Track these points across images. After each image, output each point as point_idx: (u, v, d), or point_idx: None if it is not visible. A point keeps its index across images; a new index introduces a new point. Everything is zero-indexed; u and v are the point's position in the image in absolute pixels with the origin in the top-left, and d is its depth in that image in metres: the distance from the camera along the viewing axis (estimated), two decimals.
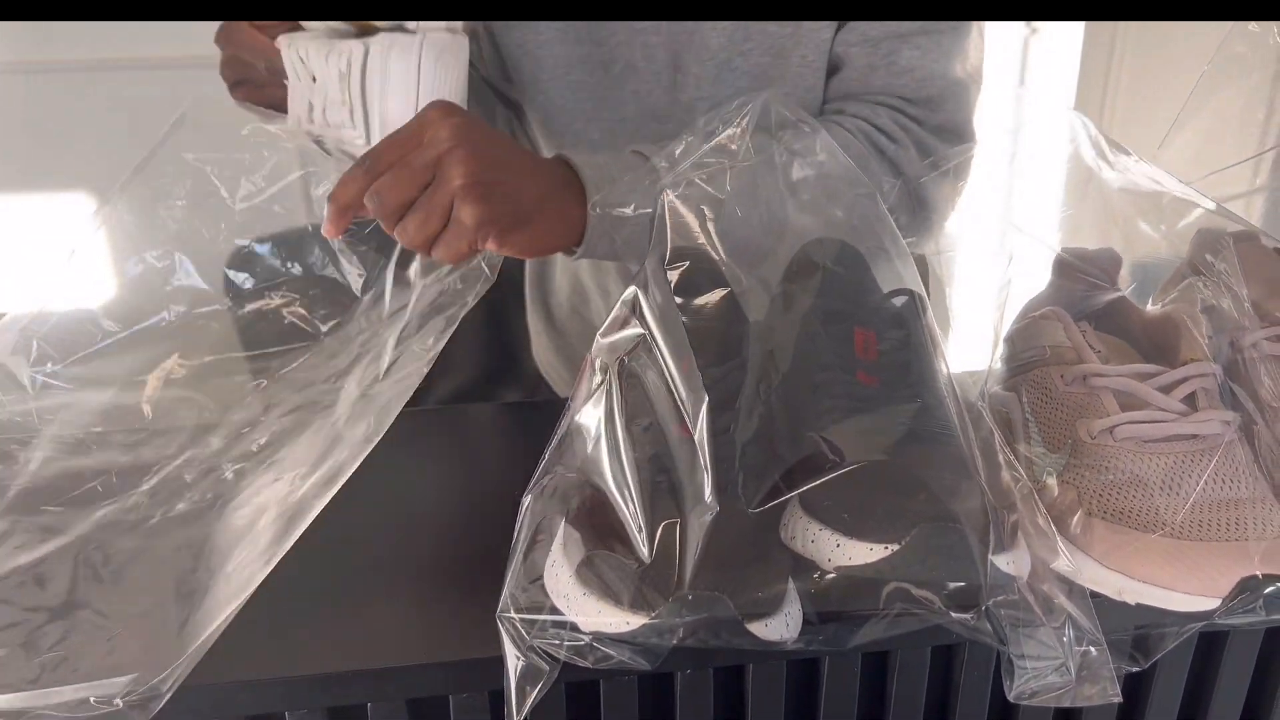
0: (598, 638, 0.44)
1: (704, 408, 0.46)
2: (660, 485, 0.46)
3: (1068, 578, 0.47)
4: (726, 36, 0.74)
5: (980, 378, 0.60)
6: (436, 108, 0.57)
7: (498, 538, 0.48)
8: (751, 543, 0.45)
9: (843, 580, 0.44)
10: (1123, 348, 0.59)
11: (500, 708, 0.45)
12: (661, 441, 0.47)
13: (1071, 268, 0.63)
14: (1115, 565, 0.47)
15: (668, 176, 0.55)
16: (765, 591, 0.43)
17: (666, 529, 0.44)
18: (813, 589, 0.44)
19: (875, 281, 0.57)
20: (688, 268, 0.54)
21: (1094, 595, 0.47)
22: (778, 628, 0.43)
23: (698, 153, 0.56)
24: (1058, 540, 0.47)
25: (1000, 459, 0.50)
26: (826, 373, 0.52)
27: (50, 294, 0.66)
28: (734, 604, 0.42)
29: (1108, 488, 0.49)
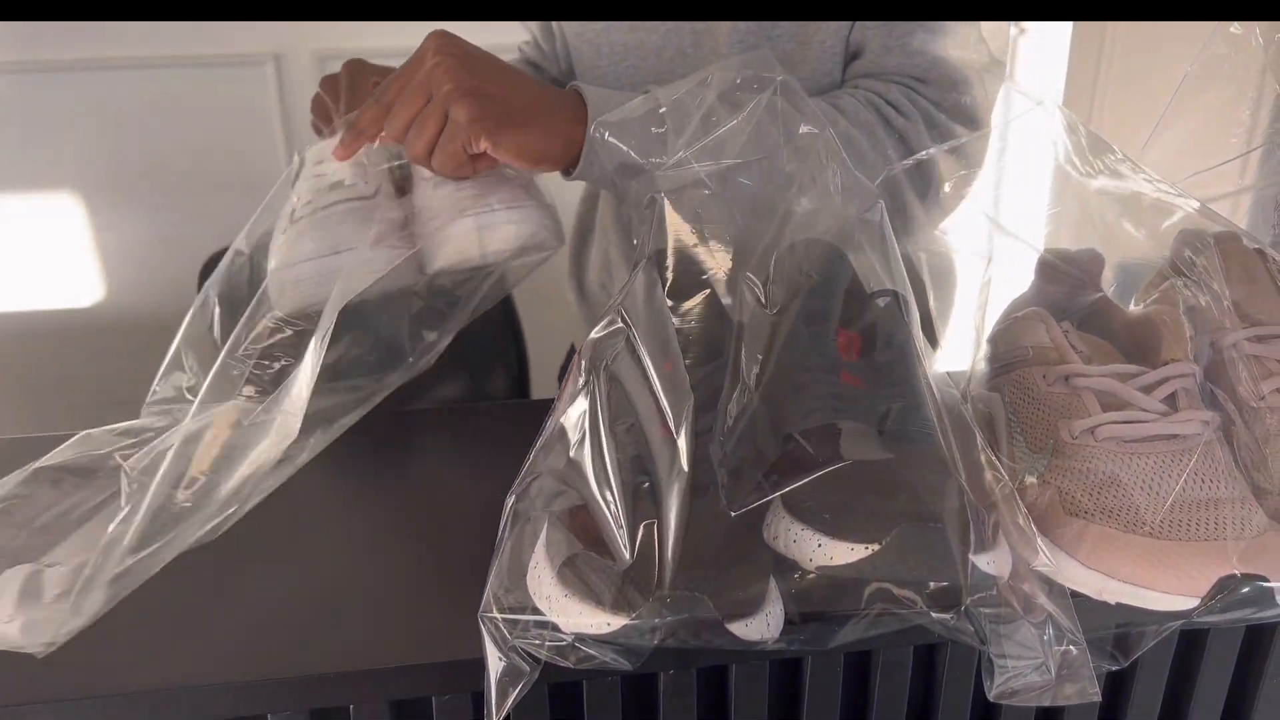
0: (579, 638, 0.44)
1: (688, 408, 0.46)
2: (642, 486, 0.46)
3: (1048, 577, 0.47)
4: (756, 23, 0.77)
5: (963, 378, 0.60)
6: (434, 36, 0.63)
7: (482, 539, 0.48)
8: (733, 543, 0.45)
9: (824, 580, 0.44)
10: (1105, 348, 0.59)
11: (483, 709, 0.45)
12: (644, 442, 0.47)
13: (1054, 268, 0.63)
14: (1095, 565, 0.48)
15: (665, 172, 0.56)
16: (746, 592, 0.43)
17: (647, 530, 0.44)
18: (794, 589, 0.44)
19: (860, 282, 0.57)
20: (677, 269, 0.54)
21: (1074, 595, 0.47)
22: (758, 628, 0.43)
23: (699, 144, 0.56)
24: (1038, 540, 0.47)
25: (981, 459, 0.50)
26: (809, 373, 0.52)
27: None
28: (714, 604, 0.42)
29: (1089, 487, 0.50)
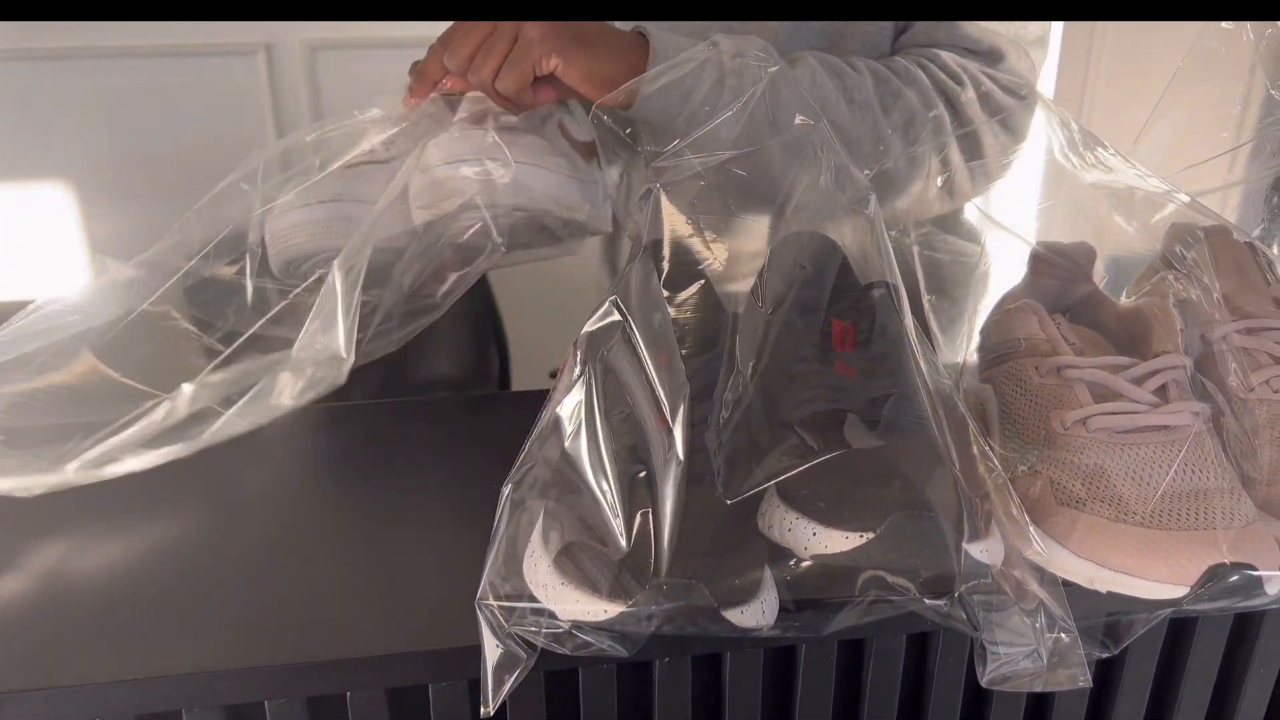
0: (576, 625, 0.44)
1: (684, 398, 0.46)
2: (638, 475, 0.46)
3: (1040, 566, 0.47)
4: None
5: (956, 370, 0.61)
6: None
7: (479, 527, 0.48)
8: (728, 532, 0.46)
9: (819, 568, 0.45)
10: (1097, 340, 0.60)
11: (480, 697, 0.46)
12: (639, 432, 0.48)
13: (1046, 261, 0.63)
14: (1087, 554, 0.48)
15: (661, 163, 0.56)
16: (741, 579, 0.44)
17: (643, 518, 0.44)
18: (789, 577, 0.45)
19: (853, 273, 0.57)
20: (673, 260, 0.55)
21: (1065, 583, 0.47)
22: (753, 615, 0.43)
23: (695, 135, 0.57)
24: (1030, 529, 0.48)
25: (974, 450, 0.51)
26: (804, 364, 0.52)
27: None
28: (710, 592, 0.42)
29: (1080, 478, 0.50)
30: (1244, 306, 0.57)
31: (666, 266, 0.54)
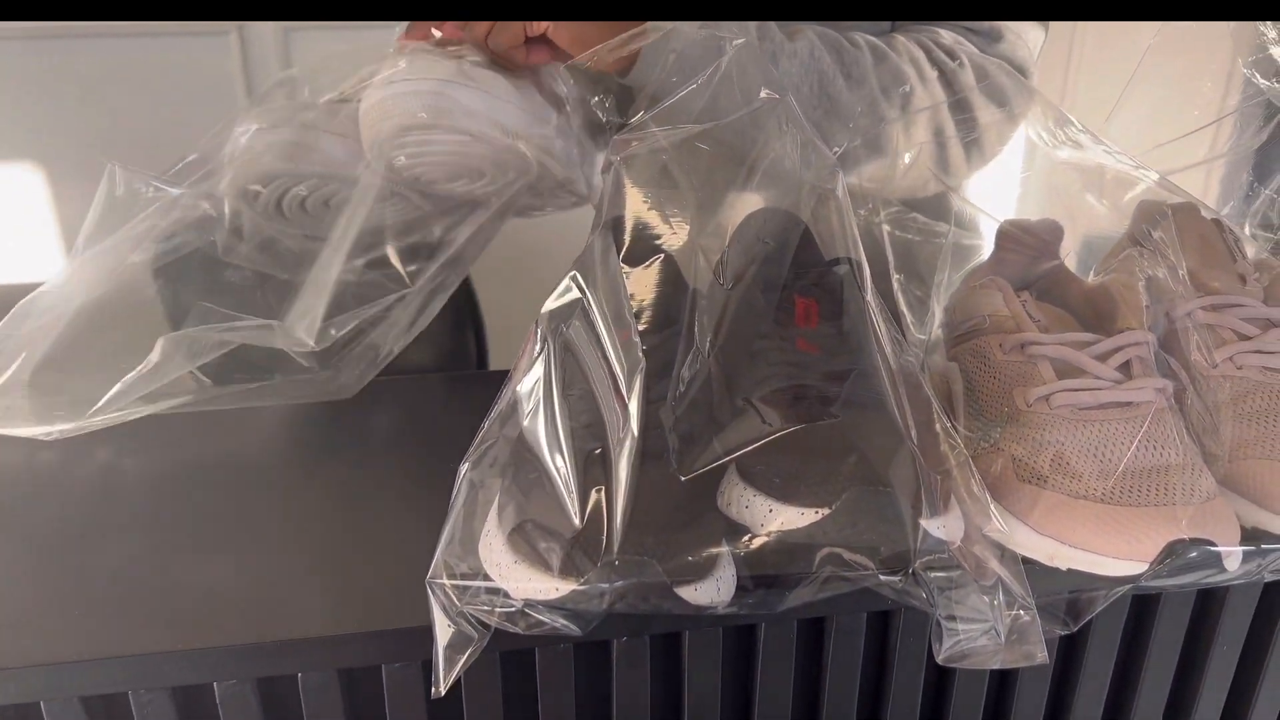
0: (529, 604, 0.43)
1: (640, 374, 0.46)
2: (594, 453, 0.45)
3: (1000, 544, 0.47)
4: None
5: (921, 347, 0.60)
6: None
7: (439, 507, 0.47)
8: (684, 509, 0.45)
9: (776, 545, 0.44)
10: (1063, 317, 0.59)
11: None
12: (596, 409, 0.47)
13: (1013, 238, 0.63)
14: (1047, 531, 0.48)
15: (623, 136, 0.55)
16: (695, 556, 0.43)
17: (598, 495, 0.43)
18: (745, 554, 0.44)
19: (818, 250, 0.56)
20: (634, 235, 0.54)
21: (1026, 561, 0.47)
22: (708, 592, 0.43)
23: (658, 108, 0.56)
24: (990, 506, 0.47)
25: (937, 427, 0.50)
26: (765, 340, 0.52)
27: None
28: (664, 569, 0.42)
29: (1042, 454, 0.50)
30: (1209, 283, 0.57)
31: (627, 241, 0.53)
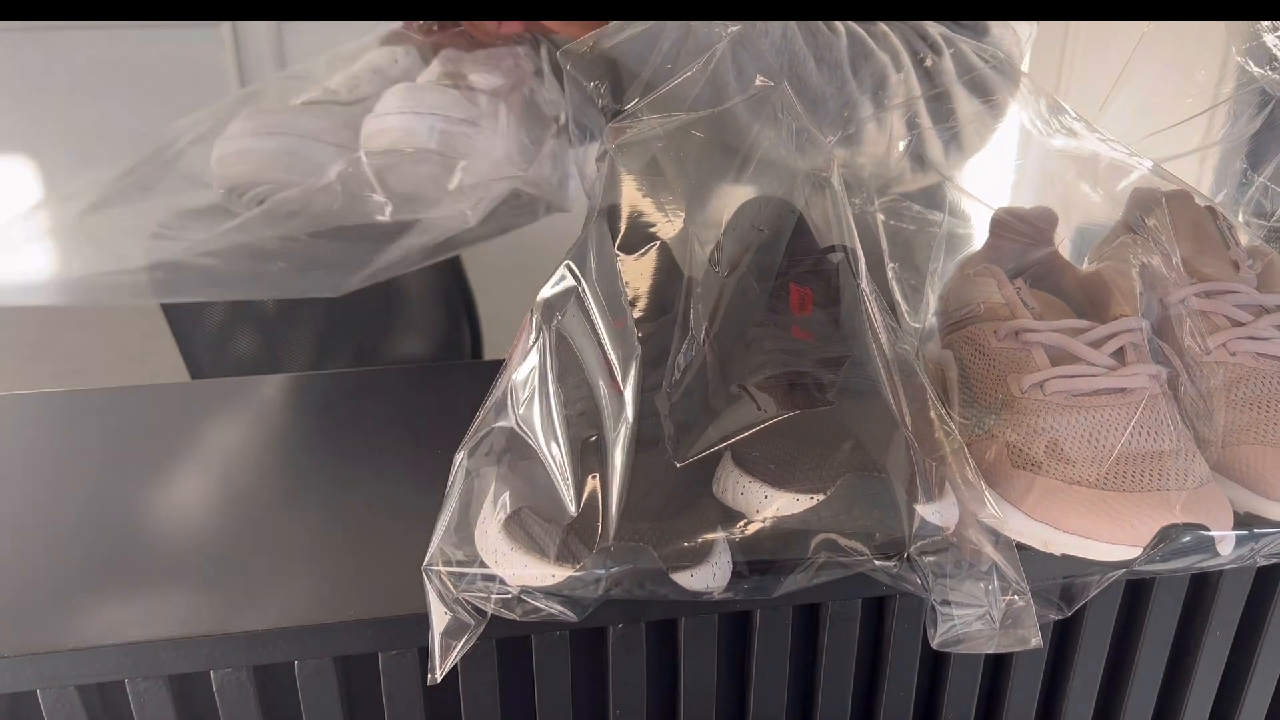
0: (525, 591, 0.43)
1: (635, 362, 0.46)
2: (589, 440, 0.45)
3: (995, 529, 0.47)
4: None
5: (916, 335, 0.60)
6: None
7: (435, 495, 0.48)
8: (680, 496, 0.45)
9: (772, 531, 0.44)
10: (1057, 304, 0.60)
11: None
12: (591, 397, 0.47)
13: (1007, 226, 0.63)
14: (1041, 517, 0.48)
15: (618, 124, 0.55)
16: (691, 543, 0.43)
17: (593, 482, 0.43)
18: (740, 540, 0.44)
19: (813, 237, 0.56)
20: (629, 224, 0.54)
21: (1021, 546, 0.47)
22: (703, 578, 0.43)
23: (653, 95, 0.56)
24: (985, 493, 0.47)
25: (931, 414, 0.50)
26: (760, 328, 0.52)
27: None
28: (660, 555, 0.42)
29: (1036, 441, 0.50)
30: (1203, 270, 0.57)
31: (622, 229, 0.53)
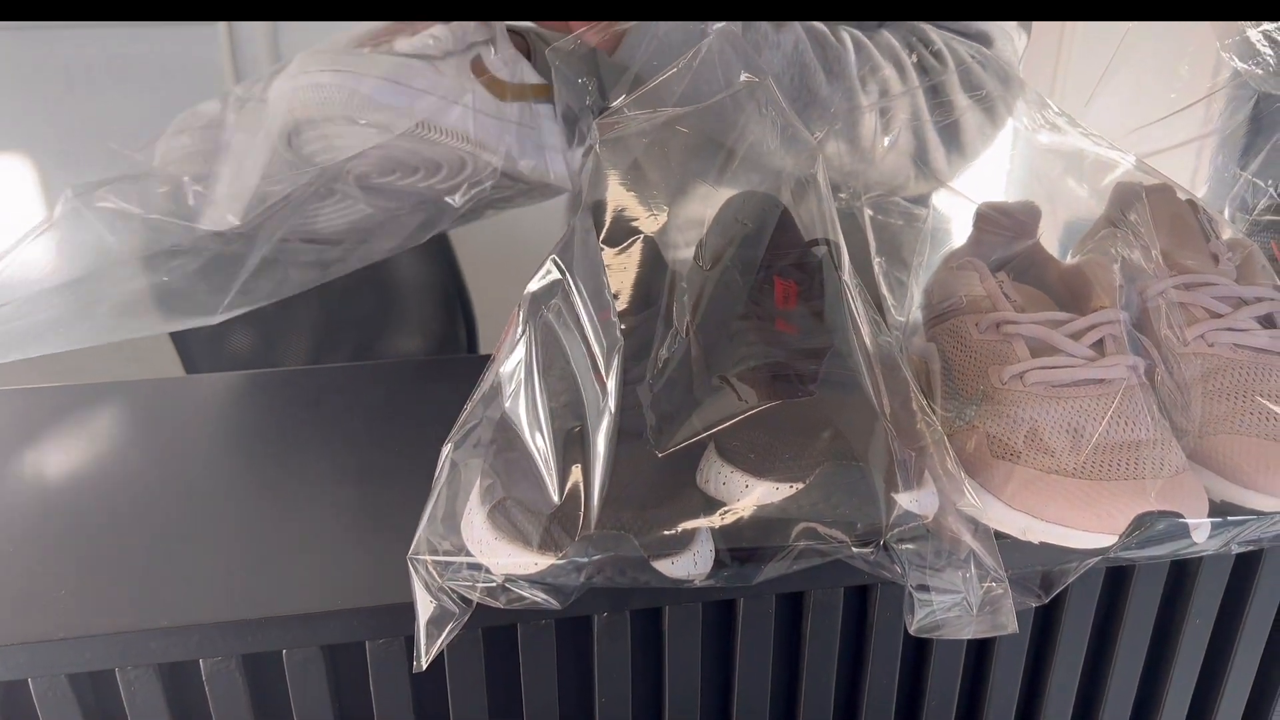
0: (509, 579, 0.44)
1: (618, 355, 0.46)
2: (573, 431, 0.46)
3: (973, 518, 0.48)
4: None
5: (901, 330, 0.61)
6: None
7: (420, 487, 0.48)
8: (662, 486, 0.46)
9: (753, 520, 0.45)
10: (1039, 297, 0.60)
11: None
12: (576, 388, 0.48)
13: (991, 220, 0.64)
14: (1020, 506, 0.49)
15: (603, 120, 0.56)
16: (672, 531, 0.44)
17: (576, 472, 0.44)
18: (721, 528, 0.45)
19: (798, 232, 0.57)
20: (614, 218, 0.54)
21: (1000, 535, 0.48)
22: (684, 566, 0.43)
23: (638, 92, 0.57)
24: (964, 482, 0.48)
25: (913, 405, 0.51)
26: (744, 321, 0.52)
27: None
28: (641, 543, 0.42)
29: (1016, 431, 0.50)
30: (1182, 263, 0.58)
31: (607, 223, 0.54)
